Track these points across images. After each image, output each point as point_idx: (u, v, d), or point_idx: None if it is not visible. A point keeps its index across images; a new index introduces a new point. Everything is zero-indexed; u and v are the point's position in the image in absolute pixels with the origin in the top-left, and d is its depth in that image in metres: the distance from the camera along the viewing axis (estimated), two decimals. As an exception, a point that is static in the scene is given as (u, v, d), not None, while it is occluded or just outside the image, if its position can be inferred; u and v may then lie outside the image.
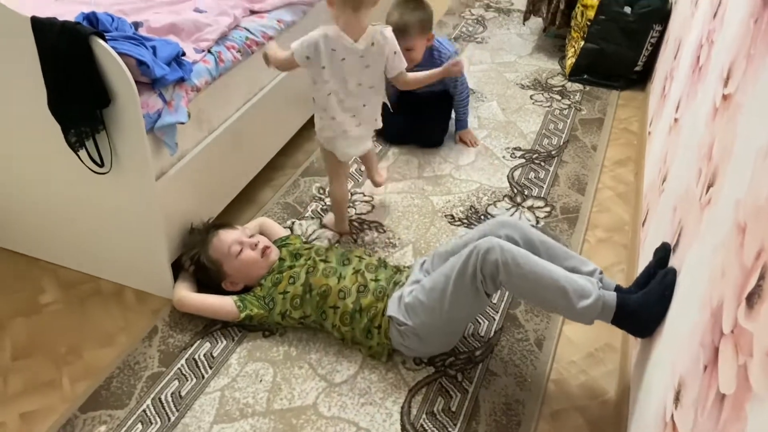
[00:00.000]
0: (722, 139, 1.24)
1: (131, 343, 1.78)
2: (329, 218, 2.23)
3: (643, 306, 1.44)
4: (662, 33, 2.98)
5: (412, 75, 1.96)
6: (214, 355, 1.75)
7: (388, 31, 1.85)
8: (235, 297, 1.81)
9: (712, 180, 1.25)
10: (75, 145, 1.62)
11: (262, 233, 2.04)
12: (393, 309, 1.69)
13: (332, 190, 2.12)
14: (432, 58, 2.47)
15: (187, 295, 1.83)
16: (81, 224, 1.88)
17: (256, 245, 1.86)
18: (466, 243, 1.72)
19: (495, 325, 1.85)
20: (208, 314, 1.83)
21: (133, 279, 1.95)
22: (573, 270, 1.58)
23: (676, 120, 1.94)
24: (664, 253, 1.52)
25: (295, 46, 1.82)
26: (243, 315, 1.78)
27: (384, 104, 2.09)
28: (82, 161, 1.67)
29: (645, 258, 1.84)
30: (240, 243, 1.84)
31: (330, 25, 1.81)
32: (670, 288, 1.38)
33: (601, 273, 1.60)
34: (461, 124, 2.71)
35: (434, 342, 1.71)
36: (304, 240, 2.10)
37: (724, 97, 1.31)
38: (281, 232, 2.08)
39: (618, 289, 1.55)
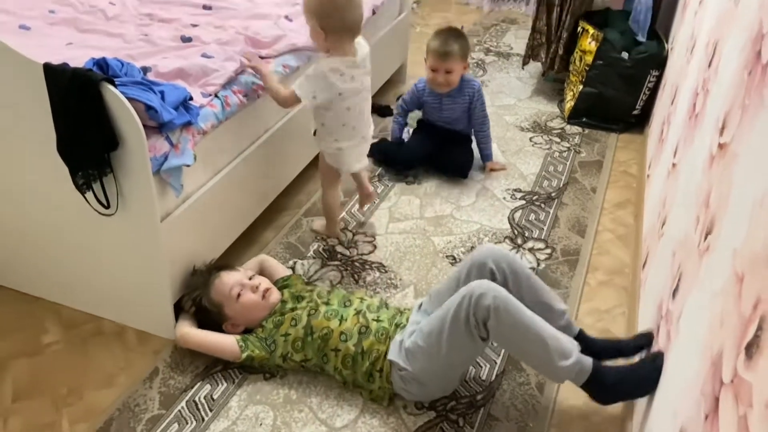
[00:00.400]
0: (719, 187, 1.26)
1: (132, 384, 1.77)
2: (319, 224, 2.39)
3: (620, 382, 1.50)
4: (659, 78, 3.04)
5: None
6: (215, 397, 1.74)
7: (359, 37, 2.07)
8: (237, 336, 1.82)
9: (710, 227, 1.26)
10: (82, 187, 1.65)
11: (262, 272, 2.06)
12: (394, 353, 1.69)
13: (327, 197, 2.29)
14: (461, 86, 2.71)
15: (189, 331, 1.84)
16: (85, 264, 1.89)
17: (257, 287, 1.86)
18: (457, 278, 1.75)
19: (496, 369, 1.85)
20: (209, 351, 1.83)
21: (135, 319, 1.95)
22: (545, 305, 1.67)
23: (674, 165, 1.97)
24: (646, 341, 1.62)
25: (300, 91, 1.95)
26: (244, 356, 1.78)
27: (408, 130, 2.68)
28: (88, 203, 1.69)
29: (645, 301, 1.85)
30: (241, 285, 1.85)
31: (329, 58, 1.98)
32: (658, 373, 1.43)
33: (567, 314, 1.71)
34: (488, 156, 2.85)
35: (434, 386, 1.71)
36: (305, 280, 2.10)
37: (720, 146, 1.34)
38: (282, 271, 2.09)
39: (580, 335, 1.67)
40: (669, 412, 1.22)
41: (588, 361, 1.51)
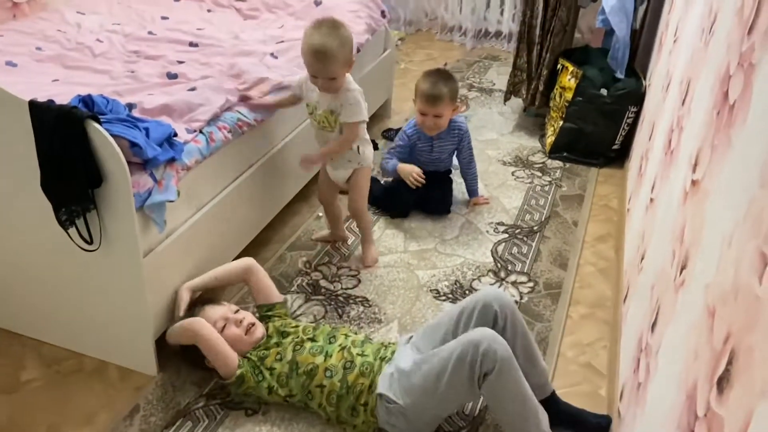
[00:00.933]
0: (692, 223, 1.29)
1: (112, 422, 1.75)
2: (321, 234, 2.56)
3: None
4: (638, 114, 3.11)
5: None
6: (196, 434, 1.72)
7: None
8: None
9: (684, 262, 1.29)
10: (65, 223, 1.65)
11: (248, 281, 2.03)
12: (384, 386, 1.69)
13: (334, 208, 2.48)
14: (450, 127, 2.72)
15: (205, 323, 1.81)
16: (66, 300, 1.88)
17: (240, 322, 1.86)
18: (459, 316, 1.77)
19: (480, 403, 1.85)
20: (212, 349, 1.77)
21: (116, 355, 1.94)
22: (531, 358, 1.74)
23: (652, 200, 2.01)
24: (606, 423, 1.73)
25: (363, 115, 2.21)
26: (239, 372, 1.76)
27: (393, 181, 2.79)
28: (71, 239, 1.69)
29: (627, 334, 1.87)
30: (225, 319, 1.85)
31: (350, 80, 2.17)
32: None
33: (546, 372, 1.79)
34: (474, 192, 2.89)
35: (421, 422, 1.70)
36: (288, 311, 2.09)
37: (693, 183, 1.37)
38: (269, 292, 2.03)
39: (552, 397, 1.76)
40: (648, 446, 1.23)
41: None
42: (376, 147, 3.27)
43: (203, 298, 1.95)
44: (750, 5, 1.19)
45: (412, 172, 2.66)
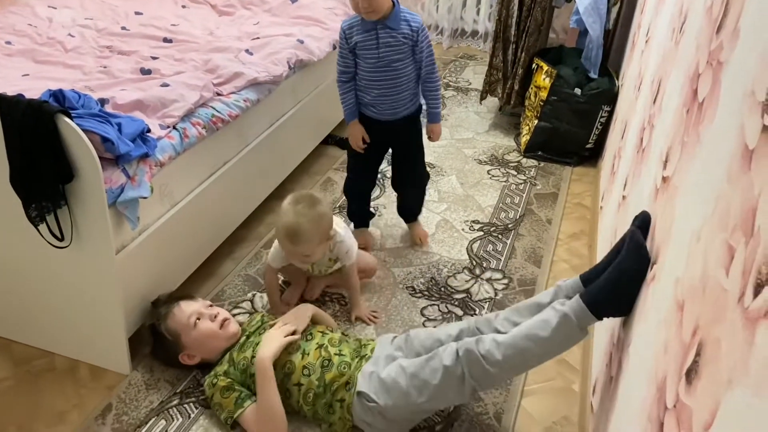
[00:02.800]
0: (662, 219, 1.32)
1: (84, 421, 1.73)
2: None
3: (610, 283, 1.42)
4: (611, 113, 3.15)
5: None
6: (170, 433, 1.71)
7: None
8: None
9: (655, 257, 1.31)
10: (35, 219, 1.62)
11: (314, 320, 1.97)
12: (364, 384, 1.68)
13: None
14: (397, 16, 2.13)
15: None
16: (37, 298, 1.85)
17: (215, 317, 1.85)
18: (446, 337, 1.76)
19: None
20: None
21: (88, 354, 1.91)
22: (534, 309, 1.65)
23: (624, 197, 2.03)
24: (641, 222, 1.48)
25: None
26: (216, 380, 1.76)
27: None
28: (41, 235, 1.66)
29: (600, 329, 1.90)
30: (199, 314, 1.83)
31: (337, 227, 2.08)
32: (637, 247, 1.37)
33: (561, 288, 1.66)
34: (434, 116, 2.37)
35: (397, 423, 1.70)
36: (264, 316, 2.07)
37: (664, 179, 1.40)
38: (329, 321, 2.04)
39: (582, 275, 1.61)
40: (620, 439, 1.25)
41: (573, 303, 1.48)
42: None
43: (178, 295, 1.93)
44: (719, 4, 1.21)
45: (357, 139, 2.32)
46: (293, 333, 1.79)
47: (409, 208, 2.61)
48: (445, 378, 1.59)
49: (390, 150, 2.47)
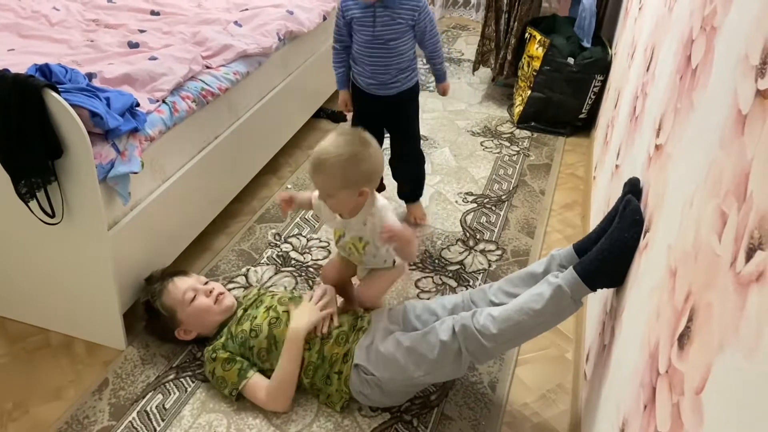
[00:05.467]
0: (655, 187, 1.31)
1: (80, 397, 1.74)
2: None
3: (603, 255, 1.42)
4: (604, 83, 3.13)
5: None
6: (167, 407, 1.72)
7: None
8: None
9: (648, 225, 1.31)
10: (25, 196, 1.61)
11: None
12: (361, 357, 1.69)
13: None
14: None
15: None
16: (30, 275, 1.85)
17: (210, 292, 1.85)
18: (441, 309, 1.77)
19: (449, 369, 1.87)
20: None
21: (83, 330, 1.91)
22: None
23: (617, 166, 2.03)
24: (631, 187, 1.49)
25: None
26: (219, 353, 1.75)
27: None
28: (32, 212, 1.65)
29: (592, 299, 1.91)
30: (194, 290, 1.83)
31: (374, 201, 1.77)
32: (632, 214, 1.37)
33: (557, 250, 1.68)
34: (440, 77, 2.39)
35: (394, 395, 1.72)
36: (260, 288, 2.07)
37: (657, 147, 1.39)
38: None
39: (577, 249, 1.61)
40: (613, 404, 1.26)
41: (567, 275, 1.48)
42: (343, 118, 3.23)
43: (172, 271, 1.92)
44: (712, -31, 1.19)
45: (341, 105, 2.34)
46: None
47: (406, 185, 2.53)
48: (443, 353, 1.60)
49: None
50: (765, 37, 0.79)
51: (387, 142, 2.48)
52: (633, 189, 1.47)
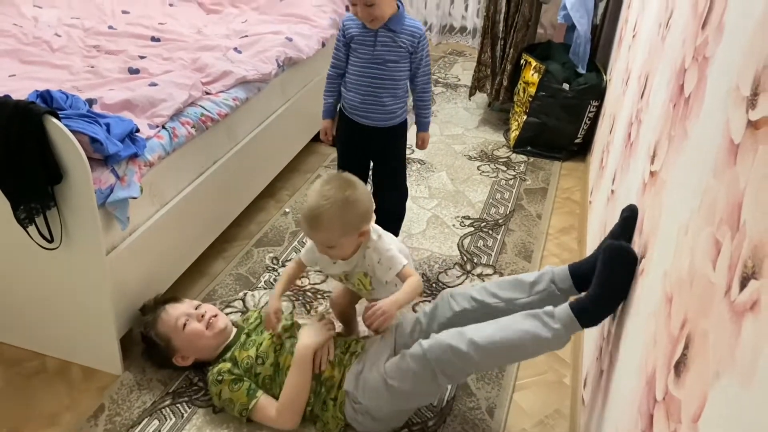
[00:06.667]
0: (651, 213, 1.33)
1: (76, 423, 1.72)
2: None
3: (598, 298, 1.43)
4: (599, 108, 3.17)
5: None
6: (163, 433, 1.71)
7: None
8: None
9: (644, 251, 1.32)
10: (24, 221, 1.61)
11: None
12: (351, 384, 1.69)
13: None
14: (400, 21, 2.09)
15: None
16: (27, 300, 1.85)
17: (202, 316, 1.84)
18: (420, 325, 1.75)
19: (447, 395, 1.87)
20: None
21: (79, 355, 1.90)
22: (514, 286, 1.64)
23: (612, 191, 2.05)
24: (629, 212, 1.49)
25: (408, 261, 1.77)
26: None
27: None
28: (30, 237, 1.65)
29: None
30: (187, 315, 1.83)
31: (373, 235, 1.75)
32: (620, 257, 1.38)
33: (548, 273, 1.64)
34: (423, 125, 2.33)
35: (387, 421, 1.72)
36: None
37: (652, 174, 1.41)
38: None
39: (571, 267, 1.61)
40: (611, 431, 1.26)
41: (564, 313, 1.45)
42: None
43: (164, 299, 1.92)
44: (704, 0, 1.22)
45: (322, 132, 2.32)
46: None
47: (385, 219, 2.27)
48: (416, 381, 1.58)
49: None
50: (756, 69, 0.81)
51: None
52: (631, 215, 1.48)
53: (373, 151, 2.31)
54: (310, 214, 1.62)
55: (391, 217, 2.40)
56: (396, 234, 2.47)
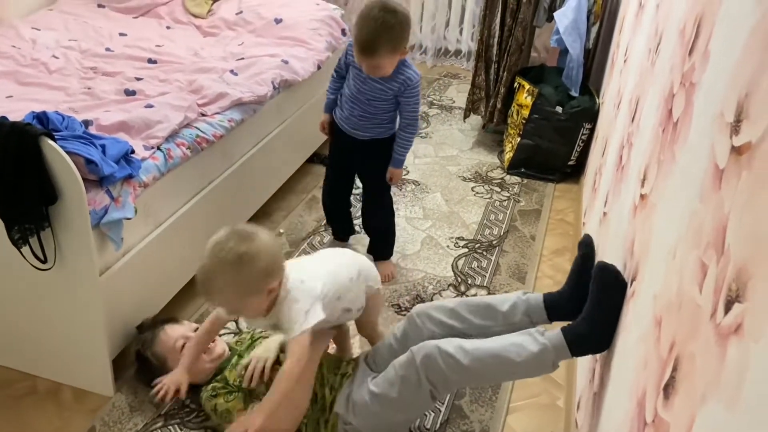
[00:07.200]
0: (641, 235, 1.34)
1: (66, 446, 1.71)
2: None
3: (592, 328, 1.44)
4: (592, 131, 3.20)
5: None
6: (154, 455, 1.70)
7: None
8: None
9: (634, 274, 1.33)
10: (18, 241, 1.62)
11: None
12: (341, 406, 1.69)
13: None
14: (397, 71, 2.14)
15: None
16: (19, 321, 1.84)
17: (201, 340, 1.84)
18: (400, 340, 1.75)
19: (441, 417, 1.86)
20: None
21: (71, 377, 1.90)
22: (506, 316, 1.64)
23: (605, 214, 2.06)
24: (586, 248, 1.57)
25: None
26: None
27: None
28: (24, 257, 1.66)
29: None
30: (185, 338, 1.83)
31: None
32: (610, 287, 1.41)
33: (525, 294, 1.68)
34: (396, 161, 2.32)
35: (381, 440, 1.71)
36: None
37: (642, 197, 1.42)
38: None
39: (546, 299, 1.64)
40: (603, 454, 1.26)
41: (558, 343, 1.47)
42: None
43: (163, 319, 1.92)
44: (690, 26, 1.24)
45: (321, 126, 2.41)
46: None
47: (374, 238, 2.55)
48: (403, 388, 1.58)
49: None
50: (739, 95, 0.83)
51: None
52: (587, 250, 1.58)
53: (357, 163, 2.41)
54: (199, 279, 1.47)
55: (377, 234, 2.53)
56: (389, 254, 2.50)
